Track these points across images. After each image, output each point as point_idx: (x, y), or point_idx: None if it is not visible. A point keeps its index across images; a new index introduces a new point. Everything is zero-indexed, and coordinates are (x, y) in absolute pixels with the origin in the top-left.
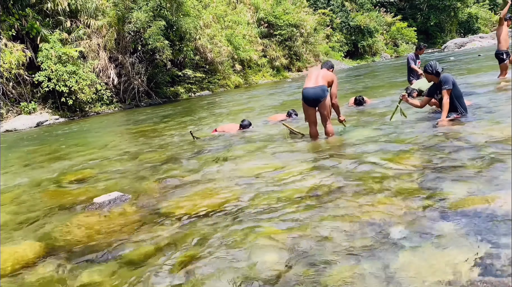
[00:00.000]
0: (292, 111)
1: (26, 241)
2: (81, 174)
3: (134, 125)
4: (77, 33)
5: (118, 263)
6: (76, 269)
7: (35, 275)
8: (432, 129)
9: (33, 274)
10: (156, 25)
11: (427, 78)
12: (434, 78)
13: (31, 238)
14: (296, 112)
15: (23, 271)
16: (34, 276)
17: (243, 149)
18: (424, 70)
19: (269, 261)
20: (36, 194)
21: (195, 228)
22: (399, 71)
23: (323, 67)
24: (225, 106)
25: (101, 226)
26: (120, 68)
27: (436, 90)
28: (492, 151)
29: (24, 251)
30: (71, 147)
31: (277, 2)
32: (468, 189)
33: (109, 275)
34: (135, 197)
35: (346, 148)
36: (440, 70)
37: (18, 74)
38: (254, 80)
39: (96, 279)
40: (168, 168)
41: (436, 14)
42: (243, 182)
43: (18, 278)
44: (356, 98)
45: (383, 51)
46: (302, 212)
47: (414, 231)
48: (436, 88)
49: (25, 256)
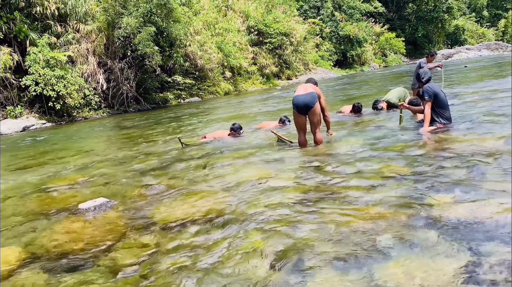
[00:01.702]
0: (285, 118)
1: (8, 247)
2: (66, 180)
3: (122, 130)
4: (66, 38)
5: (102, 270)
6: (58, 275)
7: (17, 281)
8: (418, 139)
9: (15, 280)
10: (146, 31)
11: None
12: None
13: (14, 243)
14: (289, 119)
15: (4, 277)
16: (15, 282)
17: (231, 157)
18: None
19: (254, 269)
20: (20, 199)
21: (180, 235)
22: (388, 80)
23: (307, 83)
24: (214, 113)
25: (86, 232)
26: (109, 73)
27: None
28: (477, 159)
29: (6, 257)
30: (57, 152)
31: (268, 10)
32: (454, 198)
33: (92, 282)
34: (121, 203)
35: (334, 157)
36: (426, 78)
37: (5, 78)
38: (244, 87)
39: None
40: (155, 174)
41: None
42: (230, 189)
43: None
44: (355, 105)
45: (372, 61)
46: (288, 220)
47: (400, 239)
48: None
49: (7, 262)
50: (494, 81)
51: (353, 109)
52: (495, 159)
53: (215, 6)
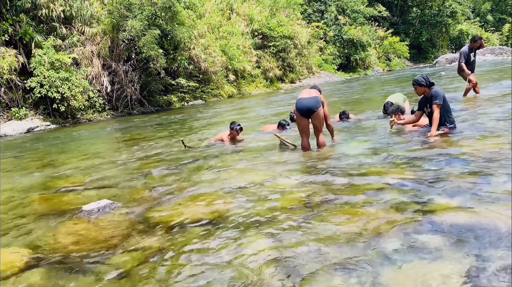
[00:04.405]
0: (284, 122)
1: (12, 248)
2: (70, 181)
3: (125, 133)
4: (71, 40)
5: (105, 272)
6: (62, 277)
7: (21, 283)
8: (422, 142)
9: (17, 282)
10: (150, 33)
11: (419, 91)
12: (427, 91)
13: (18, 245)
14: (288, 122)
15: (8, 279)
16: (19, 284)
17: (234, 159)
18: (416, 83)
19: (256, 273)
20: (24, 201)
21: (184, 237)
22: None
23: (312, 89)
24: (217, 116)
25: (89, 234)
26: (113, 76)
27: (426, 103)
28: (480, 164)
29: (9, 258)
30: (61, 153)
31: (272, 14)
32: (458, 202)
33: (95, 284)
34: (125, 205)
35: (337, 160)
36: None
37: (10, 80)
38: (248, 90)
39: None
40: (159, 176)
41: (428, 30)
42: (233, 192)
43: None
44: (341, 114)
45: (376, 64)
46: (291, 224)
47: (403, 244)
48: (426, 101)
49: (10, 263)
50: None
51: (340, 117)
52: (500, 164)
53: (219, 10)
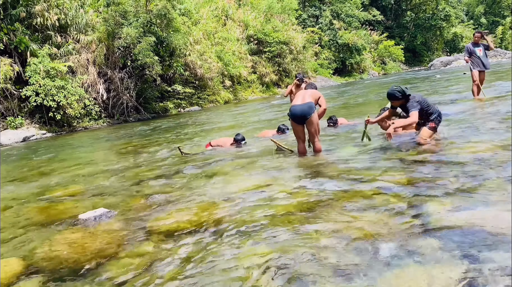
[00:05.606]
0: (283, 127)
1: (8, 258)
2: (66, 190)
3: (122, 140)
4: (66, 48)
5: (102, 281)
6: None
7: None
8: (417, 146)
9: None
10: (146, 41)
11: (395, 105)
12: (403, 103)
13: (14, 254)
14: (287, 127)
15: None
16: None
17: (231, 166)
18: (391, 97)
19: (254, 279)
20: (20, 210)
21: (181, 245)
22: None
23: (307, 88)
24: (214, 122)
25: (86, 243)
26: (109, 83)
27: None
28: (475, 168)
29: (5, 268)
30: (57, 162)
31: (267, 19)
32: (453, 205)
33: None
34: (121, 213)
35: (333, 165)
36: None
37: (5, 89)
38: (244, 96)
39: None
40: (155, 184)
41: (422, 33)
42: (230, 198)
43: None
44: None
45: (371, 68)
46: (288, 229)
47: (400, 248)
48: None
49: (7, 273)
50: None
51: (328, 123)
52: (496, 166)
53: (215, 16)
